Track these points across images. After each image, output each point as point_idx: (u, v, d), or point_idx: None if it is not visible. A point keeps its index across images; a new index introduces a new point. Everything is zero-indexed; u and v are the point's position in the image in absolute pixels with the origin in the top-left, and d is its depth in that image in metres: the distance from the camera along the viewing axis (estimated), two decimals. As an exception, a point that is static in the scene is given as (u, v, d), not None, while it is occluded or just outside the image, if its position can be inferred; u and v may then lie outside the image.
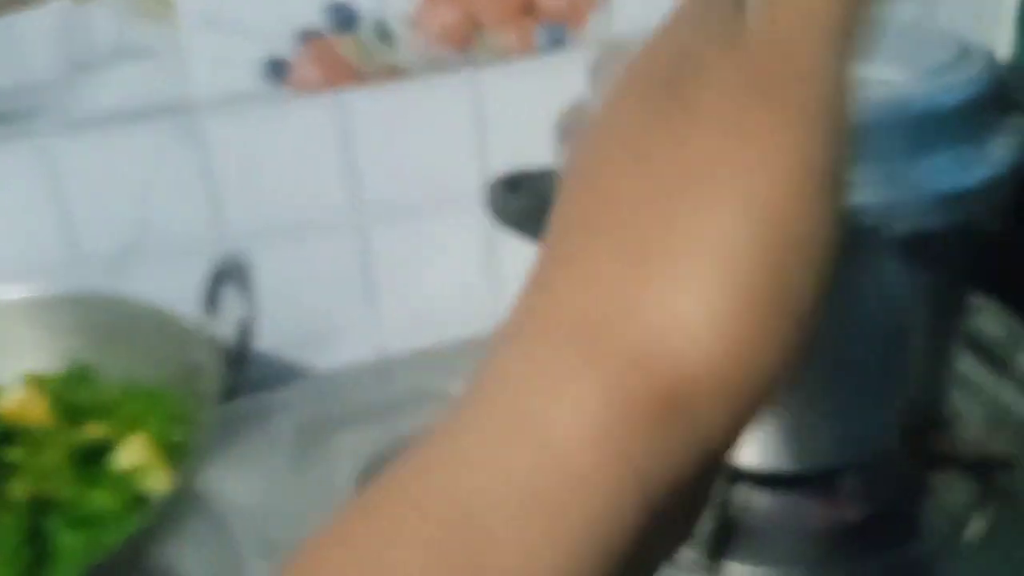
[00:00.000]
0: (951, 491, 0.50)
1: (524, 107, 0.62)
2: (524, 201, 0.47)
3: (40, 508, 0.42)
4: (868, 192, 0.38)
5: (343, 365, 0.68)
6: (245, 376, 0.47)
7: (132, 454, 0.45)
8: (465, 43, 0.60)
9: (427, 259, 0.67)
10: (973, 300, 0.58)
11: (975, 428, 0.54)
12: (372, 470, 0.55)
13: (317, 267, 0.64)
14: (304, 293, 0.65)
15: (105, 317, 0.52)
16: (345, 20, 0.57)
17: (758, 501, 0.50)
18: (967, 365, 0.61)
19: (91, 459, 0.45)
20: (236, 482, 0.56)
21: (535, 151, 0.51)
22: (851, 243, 0.39)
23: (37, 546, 0.40)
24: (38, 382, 0.51)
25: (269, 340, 0.66)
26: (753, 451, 0.47)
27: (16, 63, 0.53)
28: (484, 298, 0.70)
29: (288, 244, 0.63)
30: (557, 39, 0.61)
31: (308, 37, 0.57)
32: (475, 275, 0.69)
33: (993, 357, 0.60)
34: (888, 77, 0.41)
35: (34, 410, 0.48)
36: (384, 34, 0.58)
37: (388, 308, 0.68)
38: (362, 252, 0.65)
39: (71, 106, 0.55)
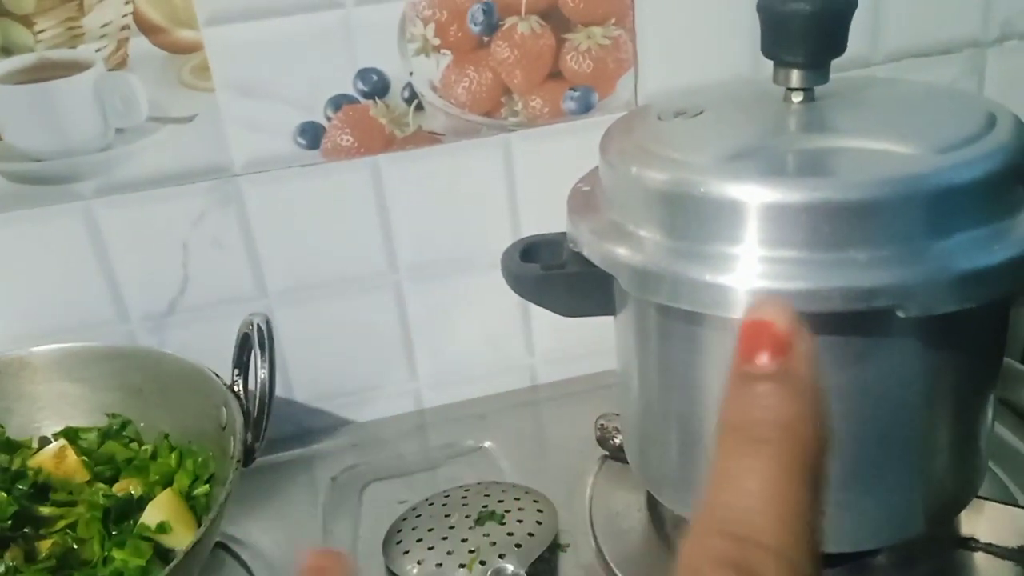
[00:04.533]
0: (981, 574, 0.48)
1: (553, 170, 0.63)
2: (534, 268, 0.48)
3: (66, 564, 0.44)
4: (884, 273, 0.37)
5: (379, 419, 0.69)
6: (279, 431, 0.48)
7: (160, 511, 0.47)
8: (495, 108, 0.61)
9: (461, 316, 0.68)
10: (1010, 370, 0.56)
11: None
12: (393, 533, 0.56)
13: (354, 324, 0.66)
14: (342, 349, 0.66)
15: (143, 372, 0.54)
16: (377, 87, 0.59)
17: None
18: (1008, 434, 0.59)
19: (121, 516, 0.47)
20: (267, 535, 0.57)
21: (563, 215, 0.51)
22: (870, 325, 0.39)
23: (60, 602, 0.42)
24: (74, 436, 0.53)
25: (308, 393, 0.68)
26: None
27: (57, 128, 0.56)
28: (516, 354, 0.70)
29: (326, 301, 0.64)
30: (586, 105, 0.62)
31: (341, 103, 0.59)
32: (507, 332, 0.69)
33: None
34: (907, 151, 0.40)
35: (68, 465, 0.50)
36: (415, 100, 0.60)
37: (423, 364, 0.69)
38: (398, 309, 0.66)
39: (113, 170, 0.58)
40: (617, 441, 0.59)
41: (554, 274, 0.47)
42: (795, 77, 0.44)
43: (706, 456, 0.45)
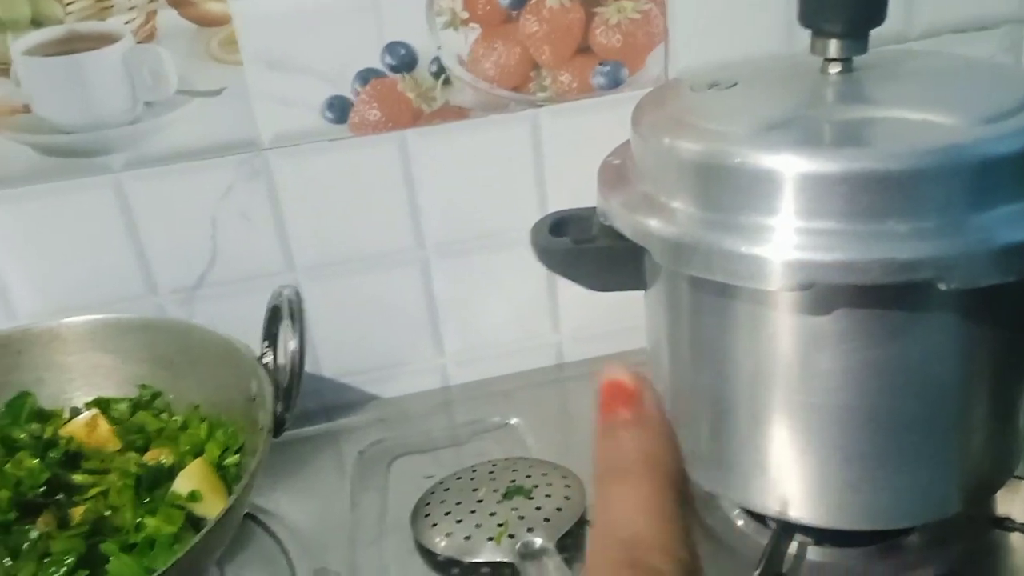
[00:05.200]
0: (1017, 554, 0.47)
1: (581, 146, 0.62)
2: (564, 242, 0.47)
3: (98, 531, 0.45)
4: (924, 245, 0.37)
5: (406, 395, 0.69)
6: (305, 405, 0.48)
7: (191, 480, 0.47)
8: (523, 83, 0.60)
9: (487, 293, 0.68)
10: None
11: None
12: (421, 506, 0.56)
13: (381, 299, 0.66)
14: (369, 324, 0.66)
15: (174, 344, 0.55)
16: (405, 61, 0.59)
17: (813, 557, 0.49)
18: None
19: (152, 484, 0.47)
20: (296, 507, 0.58)
21: (592, 190, 0.51)
22: (908, 298, 0.38)
23: (91, 568, 0.43)
24: (106, 407, 0.53)
25: (335, 369, 0.68)
26: (811, 506, 0.45)
27: (86, 101, 0.56)
28: (542, 332, 0.70)
29: (353, 276, 0.64)
30: (615, 80, 0.61)
31: (369, 77, 0.59)
32: (534, 309, 0.69)
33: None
34: (948, 121, 0.39)
35: (100, 434, 0.50)
36: (443, 74, 0.59)
37: (450, 340, 0.69)
38: (425, 285, 0.66)
39: (142, 144, 0.58)
40: (644, 418, 0.59)
41: (584, 248, 0.46)
42: (834, 47, 0.43)
43: (737, 431, 0.45)
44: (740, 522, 0.52)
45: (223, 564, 0.52)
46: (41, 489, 0.46)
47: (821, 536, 0.48)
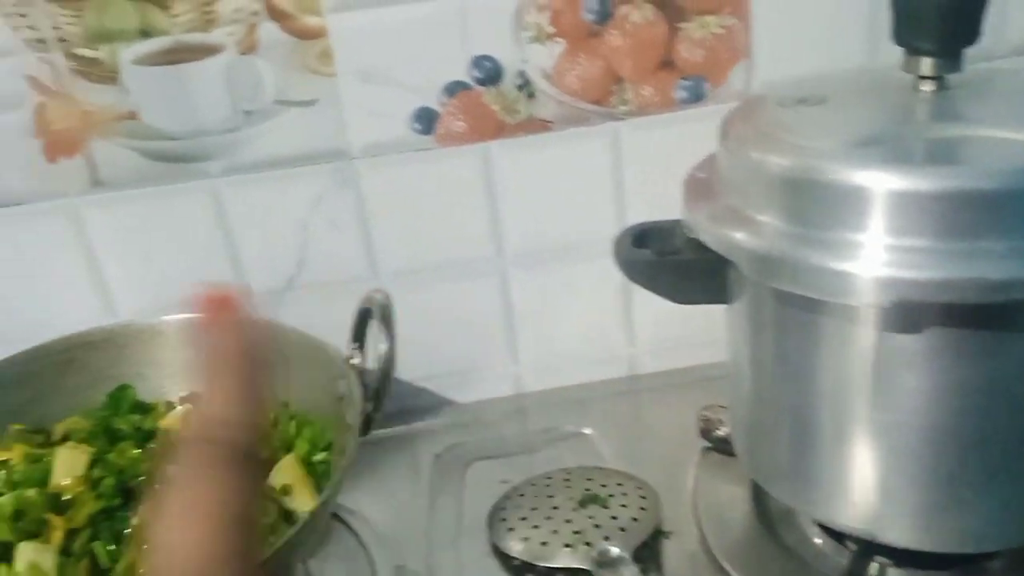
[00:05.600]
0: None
1: (661, 160, 0.63)
2: (648, 254, 0.48)
3: (196, 520, 0.47)
4: (1019, 264, 0.37)
5: (481, 401, 0.71)
6: (385, 408, 0.50)
7: (283, 474, 0.49)
8: (605, 97, 0.61)
9: (564, 304, 0.69)
10: None
11: None
12: (497, 511, 0.57)
13: (460, 307, 0.67)
14: (447, 331, 0.68)
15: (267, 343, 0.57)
16: (491, 74, 0.60)
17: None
18: None
19: (243, 478, 0.49)
20: (375, 507, 0.59)
21: (670, 204, 0.52)
22: (1000, 318, 0.38)
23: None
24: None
25: (413, 373, 0.70)
26: (895, 526, 0.45)
27: (189, 109, 0.59)
28: (617, 344, 0.71)
29: (434, 284, 0.66)
30: (697, 94, 0.62)
31: (456, 90, 0.60)
32: (609, 321, 0.70)
33: None
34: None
35: (197, 429, 0.53)
36: (527, 87, 0.61)
37: (525, 349, 0.70)
38: (503, 294, 0.68)
39: (239, 151, 0.61)
40: (721, 433, 0.59)
41: (668, 260, 0.47)
42: (927, 65, 0.43)
43: (820, 447, 0.45)
44: (818, 540, 0.52)
45: (306, 558, 0.54)
46: (142, 478, 0.48)
47: (902, 558, 0.48)
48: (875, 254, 0.39)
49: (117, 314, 0.64)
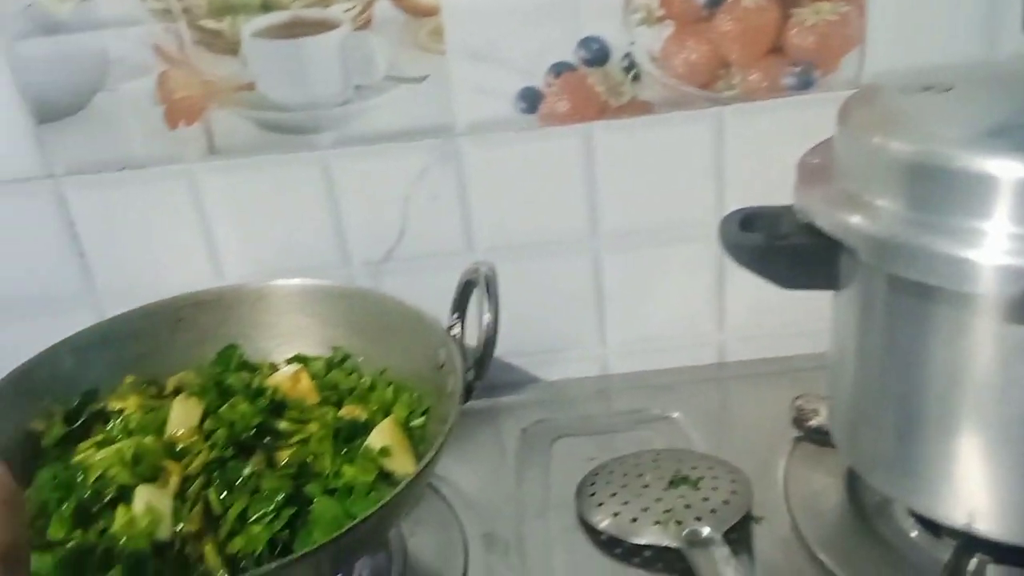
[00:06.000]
0: None
1: (765, 146, 0.63)
2: (757, 238, 0.48)
3: (302, 474, 0.49)
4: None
5: (566, 380, 0.71)
6: (485, 377, 0.51)
7: (383, 437, 0.50)
8: (711, 81, 0.61)
9: (656, 287, 0.69)
10: None
11: None
12: (586, 486, 0.57)
13: (552, 285, 0.68)
14: (537, 309, 0.69)
15: (367, 312, 0.58)
16: (597, 55, 0.61)
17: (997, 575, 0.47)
18: None
19: (349, 436, 0.51)
20: (463, 476, 0.61)
21: (772, 190, 0.51)
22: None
23: (298, 506, 0.47)
24: (304, 363, 0.58)
25: (501, 349, 0.70)
26: (1000, 521, 0.44)
27: (304, 81, 0.61)
28: (708, 329, 0.70)
29: (527, 261, 0.67)
30: (806, 81, 0.61)
31: (561, 70, 0.61)
32: (701, 306, 0.70)
33: None
34: None
35: (302, 387, 0.55)
36: (633, 70, 0.61)
37: (614, 330, 0.71)
38: (595, 275, 0.68)
39: (348, 124, 0.62)
40: (814, 423, 0.59)
41: (777, 244, 0.47)
42: (1059, 53, 0.42)
43: (926, 438, 0.44)
44: (914, 533, 0.51)
45: (401, 520, 0.55)
46: (251, 432, 0.50)
47: (1004, 554, 0.47)
48: (999, 243, 0.38)
49: (224, 277, 0.66)
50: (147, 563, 0.43)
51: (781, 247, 0.47)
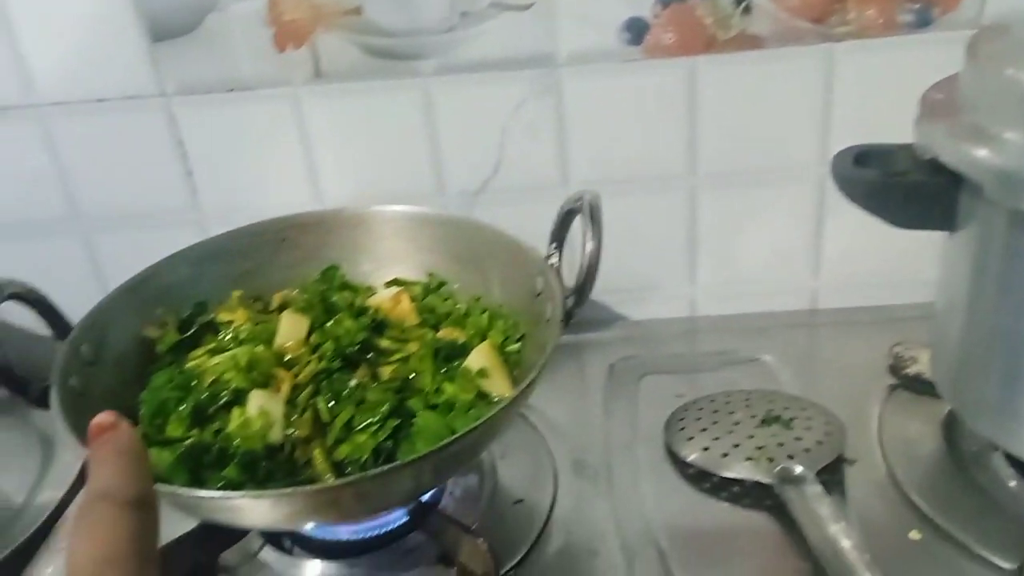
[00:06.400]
0: None
1: (875, 87, 0.61)
2: (872, 174, 0.47)
3: (405, 389, 0.50)
4: None
5: (654, 319, 0.71)
6: (585, 304, 0.51)
7: (481, 359, 0.51)
8: (824, 16, 0.59)
9: (750, 229, 0.68)
10: None
11: None
12: (675, 420, 0.58)
13: (645, 223, 0.68)
14: (628, 246, 0.69)
15: (463, 240, 0.59)
16: (708, -13, 0.59)
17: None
18: None
19: (448, 356, 0.52)
20: (553, 406, 0.61)
21: (880, 133, 0.50)
22: None
23: (401, 419, 0.48)
24: (404, 286, 0.59)
25: (589, 285, 0.71)
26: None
27: (410, 6, 0.61)
28: (801, 276, 0.69)
29: (621, 197, 0.66)
30: (924, 19, 0.59)
31: (670, 1, 0.60)
32: (796, 251, 0.69)
33: None
34: None
35: (402, 308, 0.56)
36: (744, 2, 0.59)
37: (704, 271, 0.70)
38: (689, 214, 0.68)
39: (452, 52, 0.62)
40: (912, 370, 0.58)
41: (894, 181, 0.46)
42: None
43: (1039, 383, 0.43)
44: (1012, 482, 0.50)
45: (493, 441, 0.56)
46: (356, 347, 0.52)
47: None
48: None
49: (322, 201, 0.68)
50: (259, 463, 0.45)
51: (897, 183, 0.46)
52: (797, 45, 0.61)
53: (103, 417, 0.32)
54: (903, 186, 0.45)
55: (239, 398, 0.48)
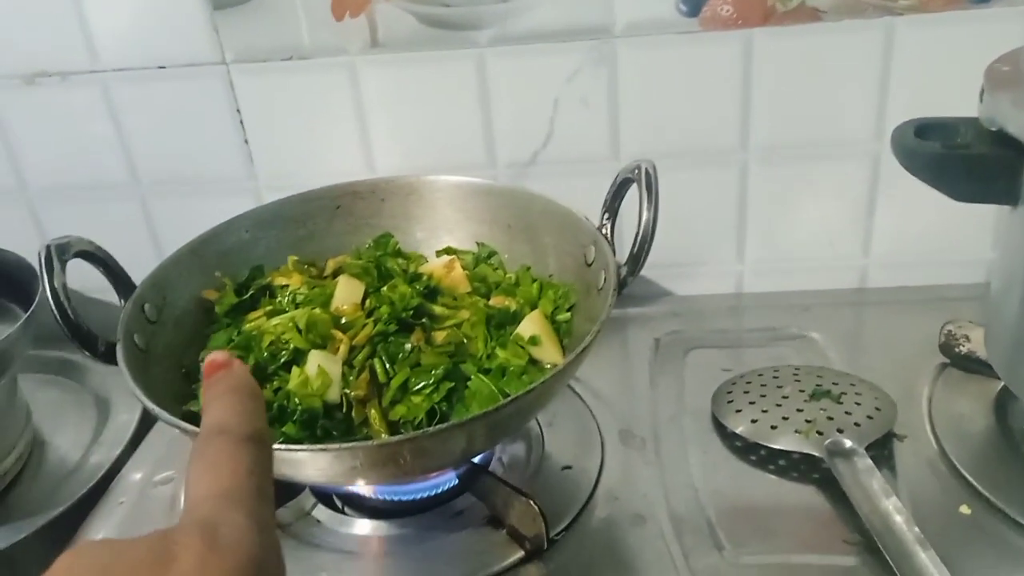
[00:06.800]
0: None
1: (935, 62, 0.60)
2: (934, 146, 0.47)
3: (458, 353, 0.51)
4: None
5: (701, 295, 0.71)
6: (639, 273, 0.51)
7: (532, 326, 0.52)
8: (886, -12, 0.59)
9: (801, 206, 0.68)
10: None
11: None
12: (722, 393, 0.58)
13: (694, 198, 0.68)
14: (676, 221, 0.68)
15: (514, 210, 0.59)
16: (770, -42, 0.59)
17: None
18: None
19: (500, 323, 0.52)
20: (599, 377, 0.62)
21: (939, 108, 0.49)
22: None
23: (455, 382, 0.49)
24: (455, 254, 0.60)
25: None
26: None
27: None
28: (850, 253, 0.69)
29: (672, 172, 0.66)
30: (990, -9, 0.58)
31: (728, -27, 0.59)
32: (846, 229, 0.68)
33: None
34: None
35: (455, 276, 0.57)
36: (804, -26, 0.59)
37: (753, 247, 0.70)
38: (739, 189, 0.67)
39: (507, 21, 0.62)
40: (964, 349, 0.58)
41: (956, 153, 0.45)
42: None
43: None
44: (1067, 463, 0.50)
45: (542, 408, 0.57)
46: (410, 312, 0.52)
47: None
48: None
49: (376, 169, 0.68)
50: (318, 420, 0.46)
51: (960, 156, 0.45)
52: (858, 18, 0.60)
53: (217, 355, 0.32)
54: (966, 158, 0.45)
55: (298, 358, 0.49)
